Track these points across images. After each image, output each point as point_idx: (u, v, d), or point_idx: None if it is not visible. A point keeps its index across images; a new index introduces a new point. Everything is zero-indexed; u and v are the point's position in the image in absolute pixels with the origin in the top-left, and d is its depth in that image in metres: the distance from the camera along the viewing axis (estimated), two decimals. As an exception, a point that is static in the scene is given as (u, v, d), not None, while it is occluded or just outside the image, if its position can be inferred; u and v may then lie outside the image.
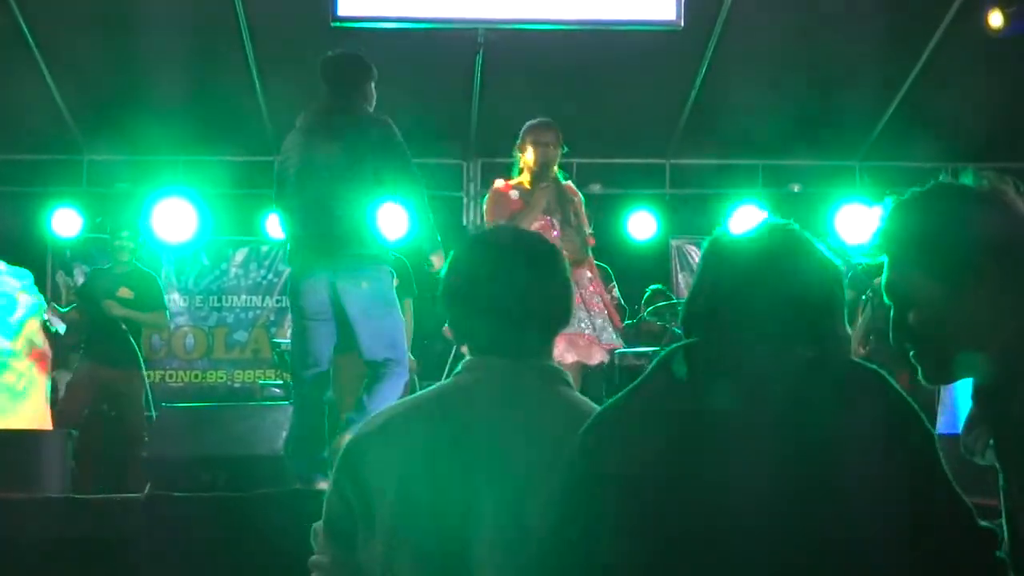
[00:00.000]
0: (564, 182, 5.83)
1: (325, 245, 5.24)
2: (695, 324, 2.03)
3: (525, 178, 5.72)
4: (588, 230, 5.80)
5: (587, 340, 5.47)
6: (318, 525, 2.33)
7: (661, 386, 1.97)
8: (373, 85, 5.60)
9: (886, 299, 2.02)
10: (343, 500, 2.23)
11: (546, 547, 2.01)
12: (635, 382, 2.02)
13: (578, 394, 2.32)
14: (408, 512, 2.14)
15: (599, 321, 5.53)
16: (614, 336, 5.57)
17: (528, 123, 5.82)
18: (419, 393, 2.41)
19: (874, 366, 1.96)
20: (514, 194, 5.72)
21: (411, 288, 6.85)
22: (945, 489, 1.84)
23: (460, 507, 2.11)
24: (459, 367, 2.33)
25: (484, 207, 5.82)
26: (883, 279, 2.00)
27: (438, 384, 2.39)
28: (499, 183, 5.83)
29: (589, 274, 5.71)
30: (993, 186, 1.92)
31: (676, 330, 5.86)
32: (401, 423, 2.26)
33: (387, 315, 5.31)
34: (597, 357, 5.53)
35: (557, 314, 2.33)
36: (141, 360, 7.67)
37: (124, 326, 7.58)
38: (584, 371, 5.61)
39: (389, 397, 5.07)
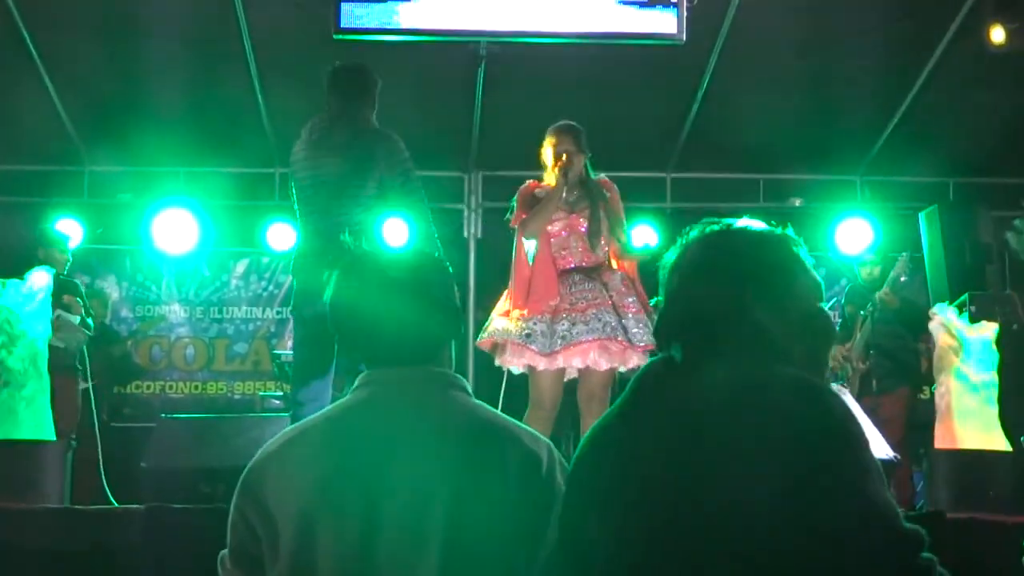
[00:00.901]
0: (595, 177, 5.77)
1: (329, 258, 5.24)
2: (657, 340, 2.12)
3: (550, 178, 5.70)
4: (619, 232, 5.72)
5: (620, 345, 5.38)
6: (225, 553, 2.31)
7: (628, 409, 2.04)
8: (377, 95, 5.67)
9: None
10: (247, 525, 2.21)
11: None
12: (615, 403, 2.08)
13: (473, 400, 2.35)
14: (309, 532, 2.13)
15: (632, 323, 5.42)
16: (649, 337, 5.43)
17: (550, 127, 5.81)
18: (320, 412, 2.42)
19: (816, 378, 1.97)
20: (540, 192, 5.71)
21: None
22: (862, 492, 1.81)
23: (359, 521, 2.12)
24: (356, 382, 2.36)
25: (515, 206, 5.80)
26: None
27: (339, 401, 2.41)
28: (530, 182, 5.80)
29: (620, 275, 5.61)
30: None
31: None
32: (300, 443, 2.27)
33: None
34: (633, 361, 5.42)
35: (440, 321, 2.37)
36: (81, 370, 7.64)
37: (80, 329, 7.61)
38: (622, 376, 5.56)
39: None
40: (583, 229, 5.64)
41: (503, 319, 5.58)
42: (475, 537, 2.09)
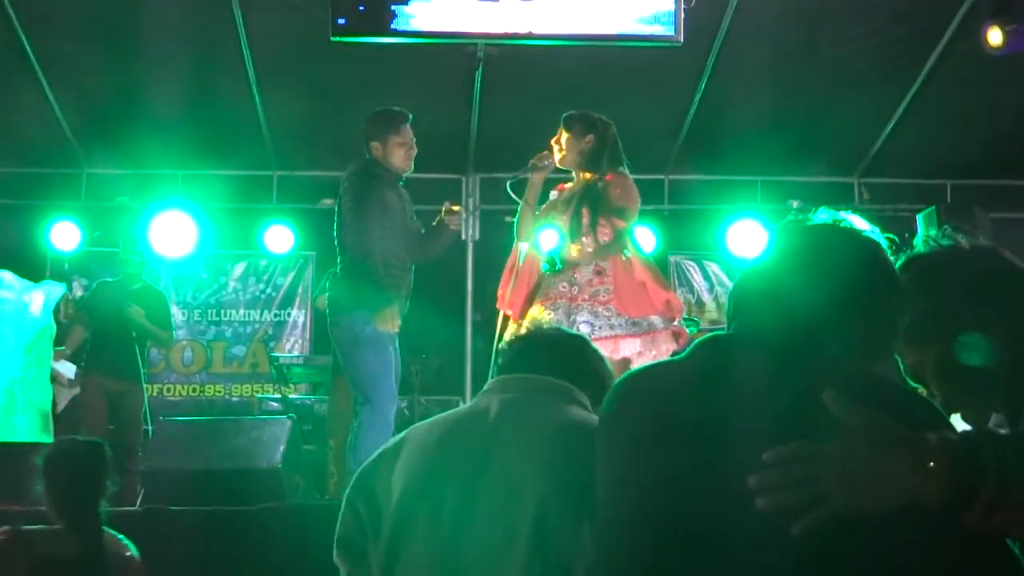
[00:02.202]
0: (607, 173, 5.64)
1: (331, 287, 5.96)
2: (729, 315, 1.98)
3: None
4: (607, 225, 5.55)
5: None
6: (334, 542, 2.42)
7: (677, 372, 1.91)
8: (387, 141, 5.93)
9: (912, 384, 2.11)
10: (356, 516, 2.32)
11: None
12: (664, 359, 1.99)
13: (581, 411, 2.36)
14: (406, 519, 2.23)
15: (584, 315, 5.33)
16: (605, 327, 5.31)
17: None
18: (445, 412, 2.51)
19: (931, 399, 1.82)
20: (559, 194, 5.75)
21: None
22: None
23: (454, 512, 2.19)
24: (485, 385, 2.49)
25: None
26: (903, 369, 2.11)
27: (468, 403, 2.55)
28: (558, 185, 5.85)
29: (594, 268, 5.46)
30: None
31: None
32: (412, 439, 2.37)
33: (356, 357, 5.70)
34: None
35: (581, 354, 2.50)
36: (143, 374, 7.71)
37: (135, 334, 7.64)
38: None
39: (368, 442, 5.33)
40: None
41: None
42: (561, 533, 2.11)
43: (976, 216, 8.24)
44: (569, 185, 5.71)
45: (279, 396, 9.16)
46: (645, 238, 9.70)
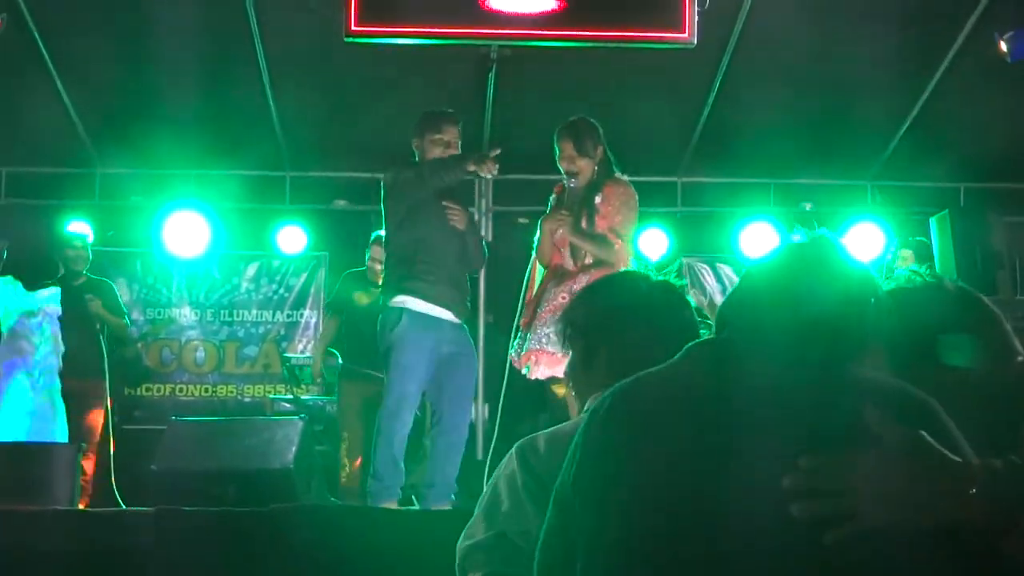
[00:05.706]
0: (608, 179, 5.70)
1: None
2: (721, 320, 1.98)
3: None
4: (600, 235, 5.59)
5: (548, 355, 5.37)
6: None
7: (672, 375, 1.88)
8: (423, 140, 5.99)
9: None
10: None
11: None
12: (659, 367, 1.93)
13: None
14: None
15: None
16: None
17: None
18: None
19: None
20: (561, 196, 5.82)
21: None
22: None
23: None
24: None
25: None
26: None
27: None
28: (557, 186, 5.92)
29: (590, 280, 5.37)
30: None
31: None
32: None
33: None
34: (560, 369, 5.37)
35: None
36: (107, 369, 7.71)
37: (98, 326, 7.65)
38: None
39: None
40: (559, 236, 5.68)
41: None
42: None
43: (990, 219, 8.20)
44: (572, 184, 5.72)
45: (291, 397, 9.17)
46: (657, 240, 9.73)
